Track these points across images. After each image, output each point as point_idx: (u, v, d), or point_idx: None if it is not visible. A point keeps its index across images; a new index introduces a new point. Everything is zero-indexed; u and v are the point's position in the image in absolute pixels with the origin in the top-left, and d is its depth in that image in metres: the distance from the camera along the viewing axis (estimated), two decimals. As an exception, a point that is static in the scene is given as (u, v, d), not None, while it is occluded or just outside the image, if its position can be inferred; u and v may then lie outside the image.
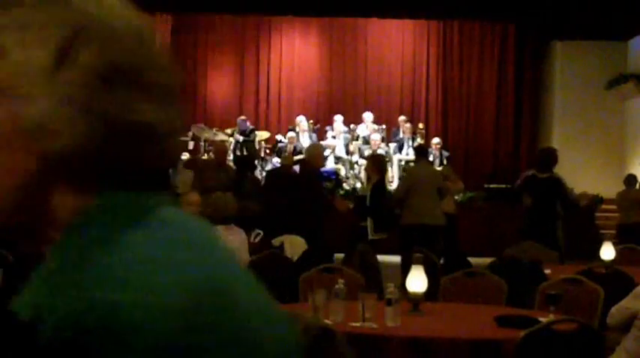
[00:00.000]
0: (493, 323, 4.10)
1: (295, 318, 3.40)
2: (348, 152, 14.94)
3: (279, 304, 0.87)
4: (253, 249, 6.64)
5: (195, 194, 7.43)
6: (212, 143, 15.13)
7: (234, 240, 6.24)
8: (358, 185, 13.97)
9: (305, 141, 15.14)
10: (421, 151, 10.87)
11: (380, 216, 8.87)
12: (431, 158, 14.88)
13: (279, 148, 14.99)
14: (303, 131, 15.30)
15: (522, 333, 3.70)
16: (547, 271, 5.95)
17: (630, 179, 11.89)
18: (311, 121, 15.57)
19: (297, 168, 12.03)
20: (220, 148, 11.77)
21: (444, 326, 4.19)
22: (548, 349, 3.72)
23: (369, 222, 8.85)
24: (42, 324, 0.71)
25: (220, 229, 6.14)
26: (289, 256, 6.86)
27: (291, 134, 15.13)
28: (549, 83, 16.31)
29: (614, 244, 6.75)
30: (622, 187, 12.09)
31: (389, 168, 14.53)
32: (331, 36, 17.58)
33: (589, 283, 4.99)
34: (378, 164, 9.36)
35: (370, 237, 8.74)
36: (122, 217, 0.78)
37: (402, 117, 15.89)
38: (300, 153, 14.65)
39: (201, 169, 10.65)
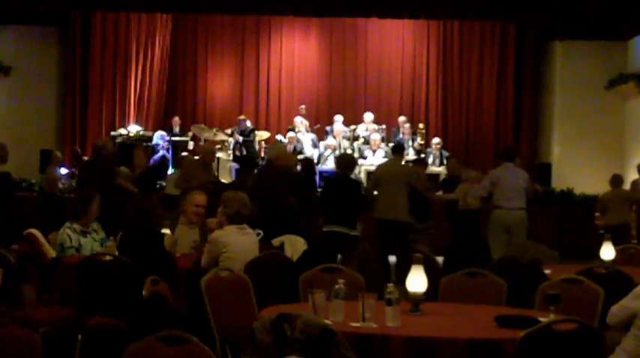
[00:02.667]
0: (493, 323, 4.11)
1: (296, 318, 3.40)
2: (353, 150, 14.94)
3: (280, 304, 0.87)
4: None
5: (201, 194, 7.38)
6: (212, 142, 15.14)
7: (248, 240, 6.21)
8: (358, 185, 13.96)
9: (305, 140, 15.16)
10: (396, 148, 10.95)
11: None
12: (431, 158, 14.90)
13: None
14: (302, 131, 15.32)
15: (522, 333, 3.71)
16: (547, 271, 5.94)
17: (616, 179, 11.86)
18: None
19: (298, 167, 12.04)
20: (208, 149, 11.64)
21: (444, 326, 4.20)
22: (548, 349, 3.73)
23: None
24: None
25: (234, 229, 6.10)
26: (289, 256, 6.85)
27: (291, 134, 15.13)
28: (549, 83, 16.30)
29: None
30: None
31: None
32: (331, 36, 17.57)
33: (589, 283, 4.99)
34: (337, 161, 9.62)
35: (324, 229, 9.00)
36: None
37: (401, 118, 15.89)
38: (301, 153, 14.68)
39: (186, 168, 10.56)
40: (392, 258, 9.17)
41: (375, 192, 9.76)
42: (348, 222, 8.94)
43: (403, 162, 11.05)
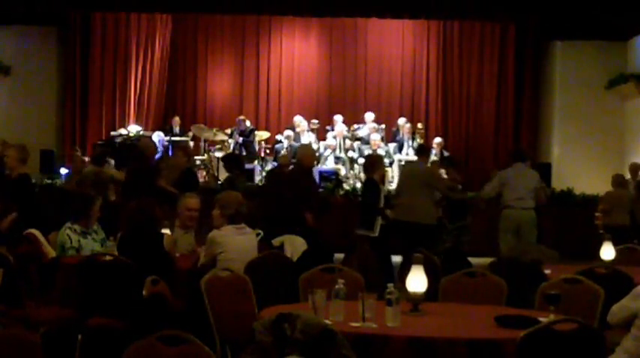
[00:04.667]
0: (493, 323, 4.11)
1: (296, 318, 3.40)
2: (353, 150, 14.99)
3: (279, 304, 0.87)
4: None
5: (193, 198, 7.36)
6: (212, 142, 15.13)
7: (246, 240, 6.20)
8: (358, 185, 13.97)
9: (305, 140, 15.15)
10: (420, 149, 10.92)
11: (364, 214, 9.04)
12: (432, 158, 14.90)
13: (277, 149, 14.98)
14: (303, 131, 15.32)
15: (522, 333, 3.71)
16: (547, 271, 5.95)
17: (620, 180, 11.79)
18: (313, 121, 15.60)
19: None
20: (185, 148, 11.35)
21: (444, 326, 4.20)
22: (548, 349, 3.73)
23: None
24: None
25: (231, 229, 6.09)
26: (289, 256, 6.85)
27: (288, 132, 15.12)
28: (549, 83, 16.30)
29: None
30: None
31: (387, 168, 14.51)
32: (331, 36, 17.57)
33: (589, 283, 4.99)
34: (366, 163, 9.55)
35: (357, 232, 8.99)
36: None
37: (401, 119, 15.88)
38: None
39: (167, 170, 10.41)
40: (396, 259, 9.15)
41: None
42: (367, 224, 8.93)
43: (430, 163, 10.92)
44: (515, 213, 9.34)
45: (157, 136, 15.05)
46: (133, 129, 15.65)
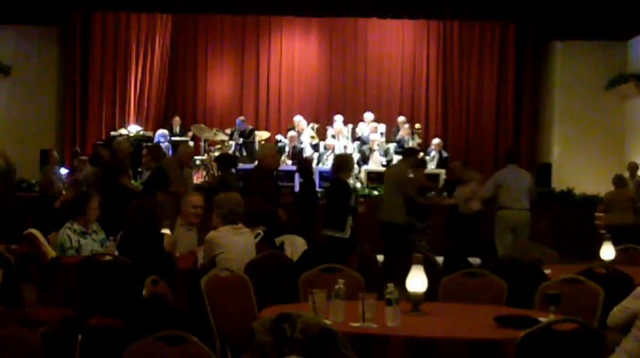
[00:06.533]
0: (493, 323, 4.11)
1: (296, 318, 3.40)
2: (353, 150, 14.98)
3: (279, 304, 0.87)
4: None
5: (197, 195, 7.37)
6: (212, 142, 15.13)
7: (244, 240, 6.21)
8: (358, 185, 13.97)
9: (305, 140, 15.15)
10: (403, 151, 11.08)
11: (334, 215, 8.92)
12: (430, 158, 14.88)
13: (279, 149, 14.97)
14: (303, 130, 15.31)
15: (522, 333, 3.71)
16: (547, 271, 5.95)
17: (620, 179, 11.81)
18: (312, 125, 15.58)
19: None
20: (187, 151, 11.12)
21: (444, 326, 4.20)
22: (548, 349, 3.73)
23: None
24: None
25: (228, 229, 6.10)
26: (289, 256, 6.85)
27: (291, 133, 15.12)
28: (549, 83, 16.30)
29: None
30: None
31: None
32: (331, 36, 17.57)
33: (589, 283, 4.99)
34: (336, 163, 9.40)
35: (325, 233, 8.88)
36: None
37: (401, 118, 15.89)
38: (301, 153, 14.66)
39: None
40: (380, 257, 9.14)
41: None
42: (337, 225, 8.76)
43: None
44: (512, 213, 9.43)
45: (160, 134, 15.02)
46: (133, 129, 15.65)
